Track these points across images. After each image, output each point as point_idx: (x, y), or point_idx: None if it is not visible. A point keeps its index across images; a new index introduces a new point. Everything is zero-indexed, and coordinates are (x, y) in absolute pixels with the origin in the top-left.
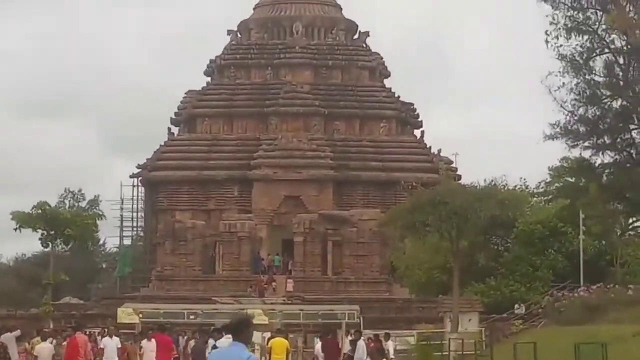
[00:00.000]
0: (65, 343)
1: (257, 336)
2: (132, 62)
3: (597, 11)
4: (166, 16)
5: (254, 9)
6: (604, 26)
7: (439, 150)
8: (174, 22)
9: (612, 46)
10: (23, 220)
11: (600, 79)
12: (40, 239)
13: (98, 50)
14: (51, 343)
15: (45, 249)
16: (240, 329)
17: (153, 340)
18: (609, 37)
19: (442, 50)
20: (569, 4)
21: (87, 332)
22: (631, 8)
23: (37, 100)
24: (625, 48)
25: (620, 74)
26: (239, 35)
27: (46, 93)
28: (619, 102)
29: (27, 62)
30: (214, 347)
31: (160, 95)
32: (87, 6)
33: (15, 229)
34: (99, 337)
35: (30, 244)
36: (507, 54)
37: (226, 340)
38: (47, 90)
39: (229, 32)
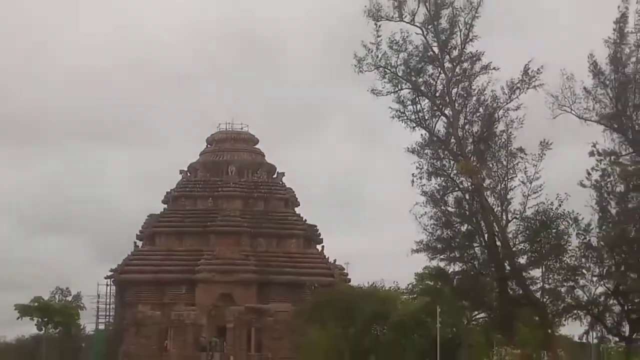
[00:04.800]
0: None
1: None
2: (109, 193)
3: (450, 160)
4: (133, 159)
5: (200, 154)
6: (455, 171)
7: (335, 260)
8: (141, 163)
9: (461, 186)
10: (23, 311)
11: (452, 210)
12: (35, 324)
13: (86, 186)
14: None
15: (40, 332)
16: None
17: None
18: (459, 179)
19: (340, 185)
20: (430, 154)
21: None
22: (474, 158)
23: (38, 220)
24: (470, 187)
25: (467, 206)
26: (189, 174)
27: (46, 216)
28: (466, 227)
29: (35, 194)
30: None
31: (130, 217)
32: (84, 152)
33: (18, 318)
34: None
35: (28, 328)
36: (387, 189)
37: None
38: (47, 213)
39: (181, 171)
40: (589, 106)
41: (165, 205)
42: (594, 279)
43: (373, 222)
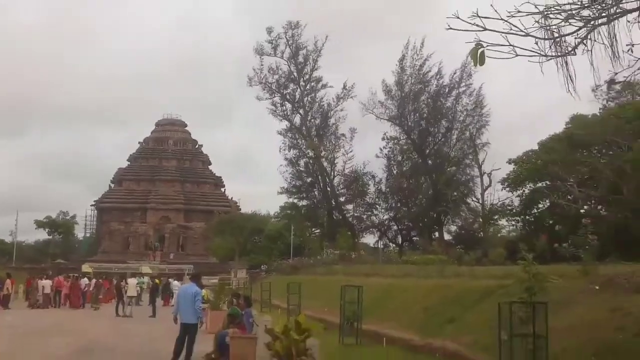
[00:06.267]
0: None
1: (146, 279)
2: (98, 154)
3: (302, 139)
4: (113, 134)
5: (151, 132)
6: (304, 146)
7: (232, 197)
8: (117, 136)
9: (308, 155)
10: (39, 224)
11: (302, 169)
12: (47, 233)
13: (84, 150)
14: (50, 280)
15: (49, 237)
16: (197, 277)
17: (100, 280)
18: (307, 151)
19: (238, 152)
20: (290, 136)
21: (66, 276)
22: (316, 139)
23: (54, 170)
24: (313, 156)
25: (311, 167)
26: (144, 144)
27: (59, 167)
28: (310, 179)
29: (54, 154)
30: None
31: (107, 169)
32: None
33: (35, 228)
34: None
35: (42, 235)
36: (266, 155)
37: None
38: (59, 165)
39: (139, 142)
40: (382, 111)
41: (129, 162)
42: (382, 210)
43: (256, 175)
